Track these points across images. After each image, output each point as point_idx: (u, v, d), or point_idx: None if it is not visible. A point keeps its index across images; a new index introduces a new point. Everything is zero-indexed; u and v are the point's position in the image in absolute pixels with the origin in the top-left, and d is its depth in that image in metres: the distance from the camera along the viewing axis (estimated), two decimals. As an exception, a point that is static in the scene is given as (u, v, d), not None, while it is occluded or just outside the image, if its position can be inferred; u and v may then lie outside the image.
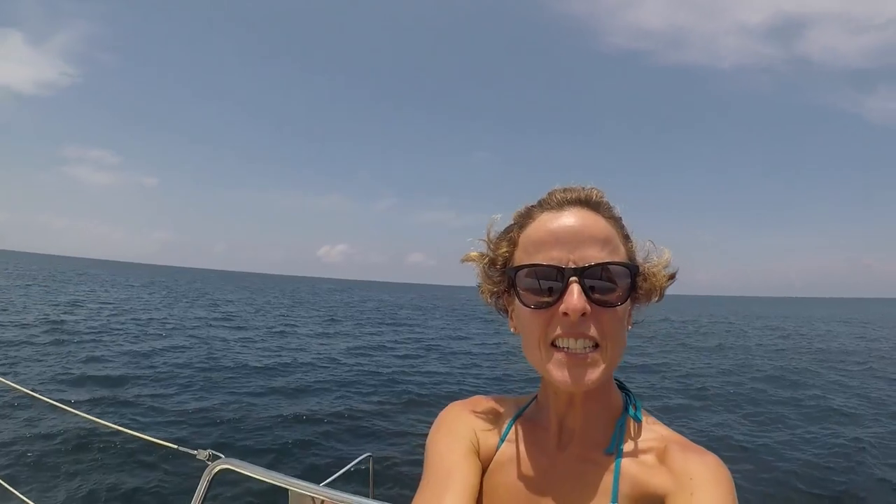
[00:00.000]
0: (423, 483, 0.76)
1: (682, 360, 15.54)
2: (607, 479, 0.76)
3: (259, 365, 11.72)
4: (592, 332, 0.70)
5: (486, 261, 0.82)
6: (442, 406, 0.91)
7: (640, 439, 0.79)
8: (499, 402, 0.90)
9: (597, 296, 0.70)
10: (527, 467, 0.81)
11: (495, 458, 0.83)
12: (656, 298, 0.79)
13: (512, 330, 0.82)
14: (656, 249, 0.80)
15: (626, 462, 0.77)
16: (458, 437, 0.81)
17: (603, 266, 0.71)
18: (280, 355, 13.28)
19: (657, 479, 0.73)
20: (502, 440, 0.84)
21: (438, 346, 17.54)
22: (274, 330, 19.31)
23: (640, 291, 0.77)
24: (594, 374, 0.71)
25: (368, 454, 2.53)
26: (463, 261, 0.84)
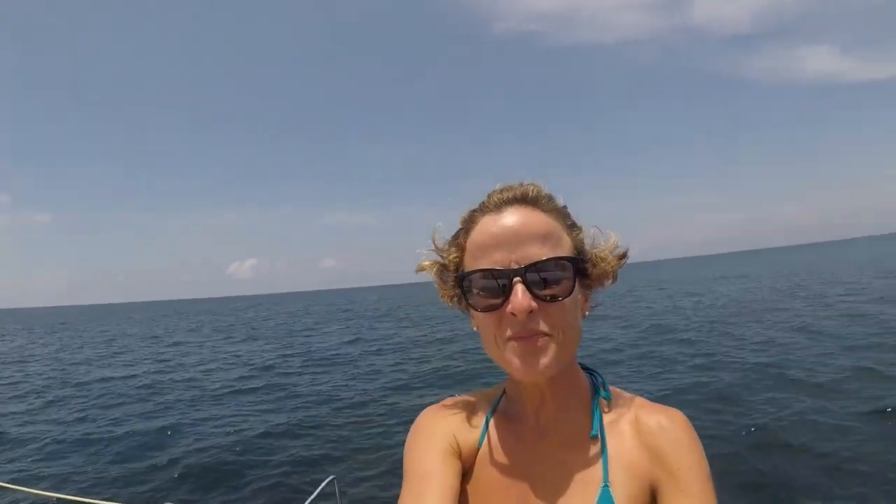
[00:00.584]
0: (403, 489, 0.77)
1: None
2: (595, 463, 0.80)
3: (186, 399, 10.68)
4: (542, 326, 0.73)
5: (437, 268, 0.84)
6: (399, 413, 1.11)
7: (615, 417, 0.83)
8: (471, 399, 0.91)
9: (542, 292, 0.73)
10: (512, 462, 0.83)
11: (478, 456, 0.85)
12: (609, 281, 0.81)
13: (474, 329, 0.83)
14: (602, 234, 0.82)
15: (609, 443, 0.80)
16: (436, 440, 0.82)
17: (544, 262, 0.73)
18: (202, 386, 12.12)
19: (639, 453, 0.79)
20: (482, 438, 0.85)
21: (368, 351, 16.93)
22: (186, 360, 17.62)
23: (591, 278, 0.79)
24: (546, 360, 0.73)
25: (331, 477, 2.53)
26: (417, 271, 0.86)
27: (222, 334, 27.29)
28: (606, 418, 0.83)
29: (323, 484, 2.37)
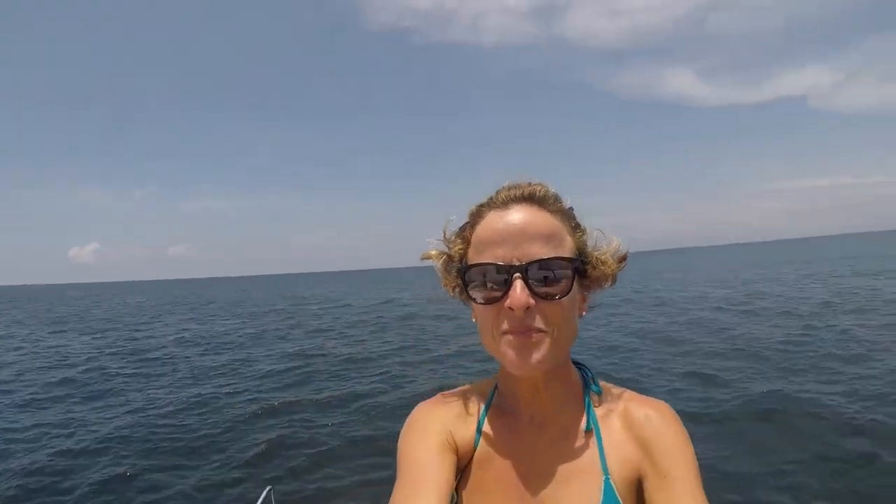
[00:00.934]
0: (396, 485, 0.76)
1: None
2: (593, 456, 0.82)
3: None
4: (538, 323, 0.75)
5: (443, 258, 0.87)
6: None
7: (606, 411, 0.86)
8: (464, 394, 0.91)
9: (540, 289, 0.75)
10: (510, 456, 0.84)
11: (476, 451, 0.85)
12: (608, 284, 0.84)
13: (472, 320, 0.85)
14: (605, 237, 0.85)
15: (603, 436, 0.84)
16: (430, 436, 0.82)
17: (545, 261, 0.76)
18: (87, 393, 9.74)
19: (630, 445, 0.83)
20: (479, 432, 0.86)
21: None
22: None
23: (590, 279, 0.82)
24: (539, 354, 0.75)
25: (269, 487, 2.47)
26: (422, 258, 0.89)
27: (51, 326, 23.63)
28: (598, 412, 0.86)
29: (262, 496, 2.29)
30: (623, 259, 0.84)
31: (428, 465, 0.77)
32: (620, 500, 0.79)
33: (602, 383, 0.90)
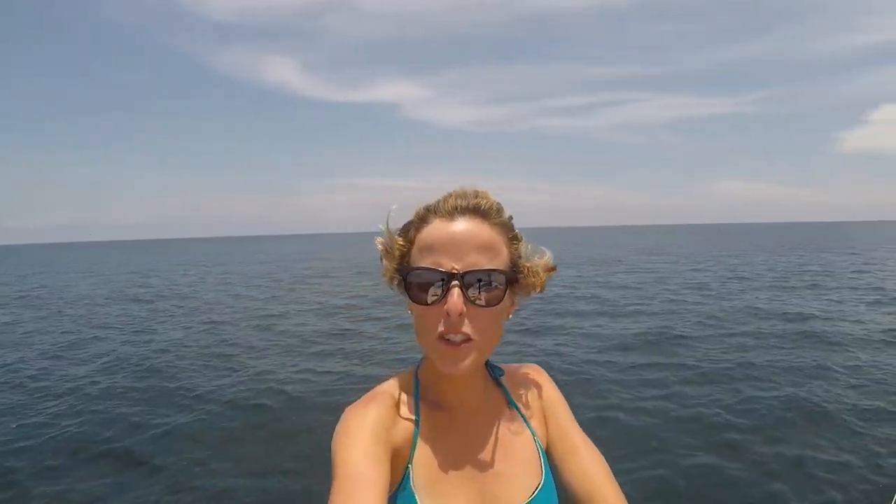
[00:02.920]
0: (332, 491, 0.74)
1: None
2: (523, 429, 0.95)
3: None
4: (468, 328, 0.81)
5: (384, 248, 0.91)
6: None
7: (514, 386, 1.01)
8: (391, 391, 0.91)
9: (475, 297, 0.81)
10: (454, 445, 0.89)
11: (417, 447, 0.85)
12: (537, 291, 0.91)
13: (408, 312, 0.90)
14: (538, 250, 0.92)
15: (521, 408, 0.98)
16: (365, 439, 0.79)
17: (482, 272, 0.81)
18: None
19: (538, 411, 0.99)
20: (416, 427, 0.87)
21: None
22: None
23: (521, 287, 0.89)
24: (466, 362, 0.82)
25: None
26: (375, 241, 0.94)
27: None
28: (510, 390, 0.99)
29: None
30: (552, 269, 0.92)
31: (364, 470, 0.75)
32: (548, 462, 0.94)
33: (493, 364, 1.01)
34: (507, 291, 0.84)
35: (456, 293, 0.78)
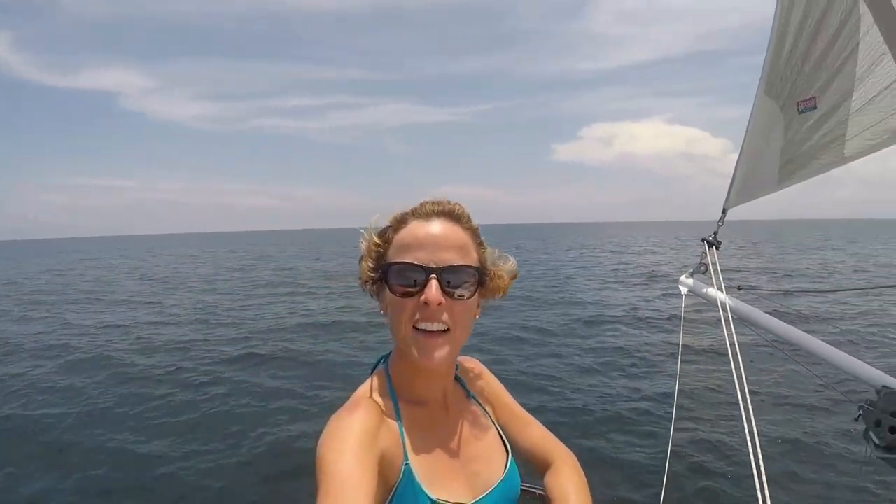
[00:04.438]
0: (320, 495, 0.75)
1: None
2: (484, 417, 1.09)
3: None
4: (445, 318, 0.89)
5: (364, 251, 0.98)
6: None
7: (467, 378, 1.13)
8: (369, 394, 0.96)
9: (450, 290, 0.89)
10: (439, 439, 0.96)
11: (407, 443, 0.91)
12: (500, 295, 1.01)
13: (381, 312, 0.97)
14: (503, 257, 1.02)
15: (477, 396, 1.12)
16: (354, 444, 0.82)
17: (456, 267, 0.90)
18: None
19: (487, 397, 1.14)
20: (401, 426, 0.92)
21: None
22: None
23: (487, 289, 0.98)
24: (443, 354, 0.90)
25: None
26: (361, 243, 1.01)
27: None
28: (466, 382, 1.13)
29: None
30: (514, 276, 1.02)
31: (353, 475, 0.76)
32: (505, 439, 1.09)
33: None
34: (477, 291, 0.94)
35: (434, 285, 0.87)
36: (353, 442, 0.81)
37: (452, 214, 0.95)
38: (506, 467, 1.03)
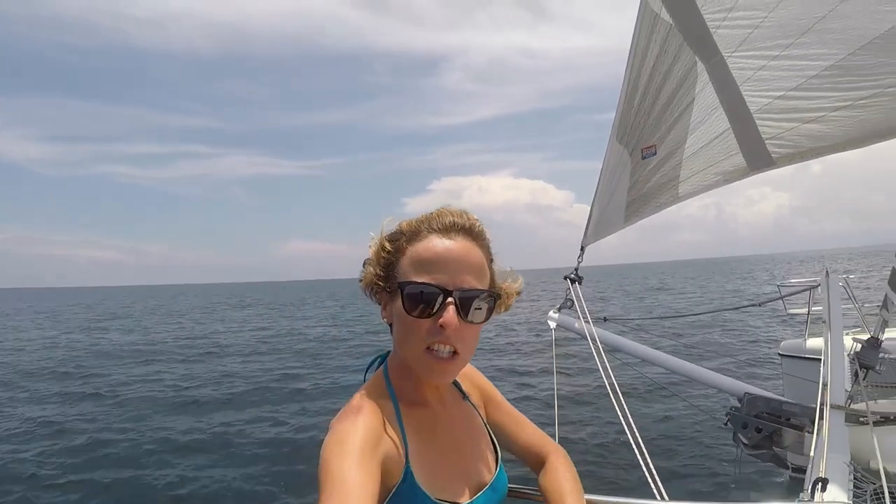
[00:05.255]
0: (323, 498, 0.75)
1: None
2: (476, 416, 1.10)
3: None
4: (456, 342, 0.89)
5: (372, 253, 0.97)
6: None
7: (462, 381, 1.13)
8: (371, 398, 0.93)
9: (467, 315, 0.89)
10: (439, 440, 0.97)
11: (409, 446, 0.90)
12: (504, 310, 1.02)
13: (384, 319, 0.97)
14: (511, 273, 1.02)
15: (470, 398, 1.12)
16: (357, 448, 0.81)
17: (475, 291, 0.90)
18: None
19: (479, 395, 1.15)
20: (402, 428, 0.91)
21: None
22: None
23: (497, 308, 0.98)
24: (451, 375, 0.94)
25: None
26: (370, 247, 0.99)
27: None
28: (460, 383, 1.13)
29: None
30: (519, 293, 1.03)
31: (357, 478, 0.76)
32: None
33: None
34: (491, 313, 0.94)
35: (452, 309, 0.86)
36: (356, 446, 0.81)
37: (472, 232, 0.93)
38: (496, 466, 1.05)
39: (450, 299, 0.86)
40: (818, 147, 2.42)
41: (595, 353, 2.66)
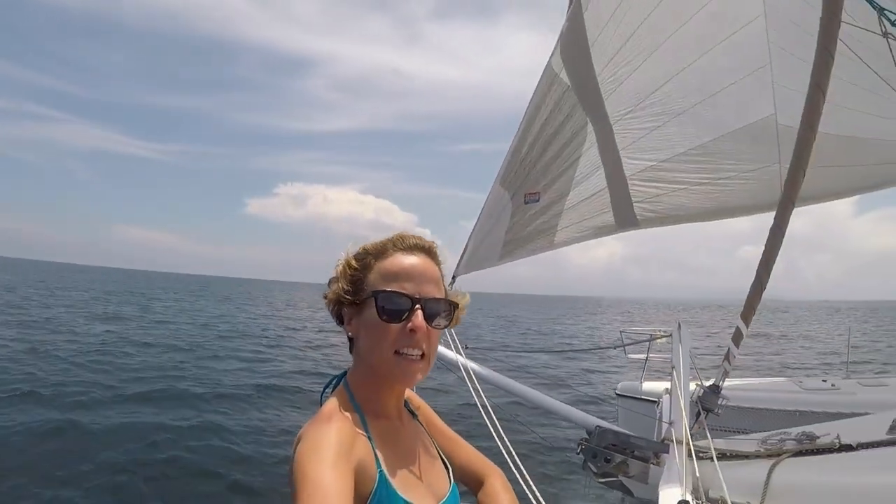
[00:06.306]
0: (300, 503, 0.77)
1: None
2: (425, 435, 1.15)
3: None
4: (423, 344, 0.98)
5: (339, 271, 1.05)
6: None
7: (407, 397, 1.17)
8: (338, 408, 0.98)
9: (432, 320, 0.99)
10: (402, 451, 1.02)
11: (378, 453, 0.94)
12: (456, 324, 1.10)
13: (349, 334, 1.05)
14: (458, 292, 1.12)
15: (416, 413, 1.19)
16: (332, 453, 0.84)
17: (438, 300, 1.01)
18: None
19: (419, 413, 1.20)
20: (370, 437, 0.96)
21: None
22: None
23: (453, 320, 1.07)
24: (420, 376, 1.00)
25: None
26: (343, 265, 1.06)
27: None
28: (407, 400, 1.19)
29: None
30: (464, 309, 1.12)
31: (333, 482, 0.79)
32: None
33: None
34: (451, 321, 1.05)
35: (420, 314, 0.97)
36: (332, 451, 0.84)
37: (431, 252, 1.06)
38: (450, 478, 1.11)
39: (417, 306, 0.97)
40: (677, 215, 2.75)
41: (471, 387, 2.69)
